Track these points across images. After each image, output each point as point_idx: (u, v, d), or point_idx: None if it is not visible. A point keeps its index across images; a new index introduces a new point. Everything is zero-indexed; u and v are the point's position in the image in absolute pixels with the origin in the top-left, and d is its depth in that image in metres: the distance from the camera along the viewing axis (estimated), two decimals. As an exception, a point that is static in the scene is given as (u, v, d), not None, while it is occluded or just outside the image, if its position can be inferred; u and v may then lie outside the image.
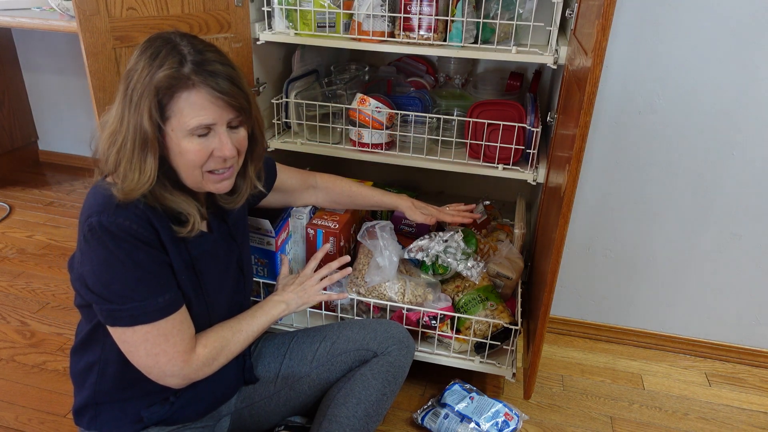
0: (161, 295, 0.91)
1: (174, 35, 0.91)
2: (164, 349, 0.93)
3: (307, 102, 1.56)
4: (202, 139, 0.90)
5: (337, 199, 1.42)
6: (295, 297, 1.21)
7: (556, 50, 1.32)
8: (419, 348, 1.42)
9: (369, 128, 1.50)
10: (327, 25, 1.46)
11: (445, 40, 1.38)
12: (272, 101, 1.60)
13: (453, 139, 1.53)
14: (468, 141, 1.48)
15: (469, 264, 1.42)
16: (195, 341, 0.98)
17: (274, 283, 1.46)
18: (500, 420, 1.32)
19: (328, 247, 1.39)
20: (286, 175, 1.33)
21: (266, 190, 1.24)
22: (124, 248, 0.88)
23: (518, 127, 1.40)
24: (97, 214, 0.88)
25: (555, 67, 1.31)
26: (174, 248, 0.94)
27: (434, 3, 1.34)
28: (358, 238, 1.45)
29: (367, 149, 1.54)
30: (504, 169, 1.45)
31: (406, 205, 1.41)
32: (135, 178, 0.88)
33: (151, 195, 0.91)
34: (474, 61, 1.85)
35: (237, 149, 0.94)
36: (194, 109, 0.88)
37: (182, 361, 0.95)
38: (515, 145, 1.43)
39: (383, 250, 1.37)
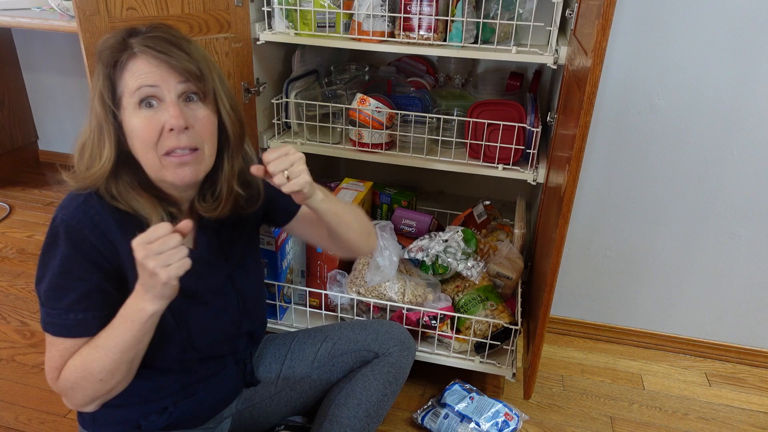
0: (72, 313, 0.85)
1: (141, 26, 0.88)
2: (51, 357, 0.88)
3: (307, 102, 1.56)
4: (149, 111, 0.83)
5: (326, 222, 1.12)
6: (149, 288, 0.82)
7: (556, 50, 1.32)
8: (419, 348, 1.42)
9: (369, 128, 1.50)
10: (327, 25, 1.46)
11: (445, 40, 1.38)
12: (272, 101, 1.60)
13: (453, 139, 1.53)
14: (468, 141, 1.48)
15: (469, 264, 1.42)
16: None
17: (275, 283, 1.46)
18: (500, 420, 1.32)
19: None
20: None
21: (258, 203, 1.04)
22: (62, 252, 0.84)
23: (518, 127, 1.40)
24: (60, 207, 0.86)
25: (555, 67, 1.31)
26: (135, 267, 0.84)
27: (434, 3, 1.34)
28: None
29: (367, 149, 1.54)
30: (504, 169, 1.45)
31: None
32: (96, 165, 0.85)
33: (114, 190, 0.86)
34: (474, 61, 1.85)
35: (195, 128, 0.85)
36: (135, 75, 0.83)
37: (51, 379, 0.89)
38: (515, 145, 1.43)
39: (383, 250, 1.37)
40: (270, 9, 1.48)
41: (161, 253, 0.77)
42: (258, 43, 1.49)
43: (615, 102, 1.47)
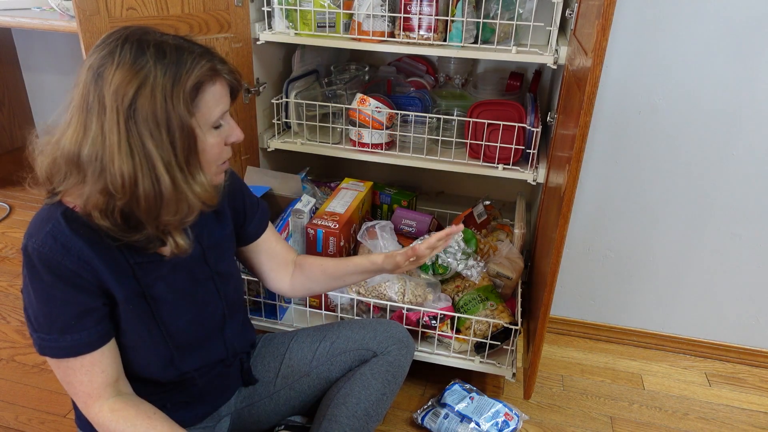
0: (68, 335, 0.85)
1: (137, 32, 0.81)
2: (69, 382, 0.89)
3: (307, 102, 1.56)
4: (219, 130, 0.87)
5: (310, 275, 1.19)
6: None
7: (556, 50, 1.32)
8: (419, 348, 1.42)
9: (369, 128, 1.50)
10: (327, 25, 1.46)
11: (445, 40, 1.38)
12: (272, 101, 1.60)
13: (453, 139, 1.53)
14: (468, 141, 1.48)
15: (469, 264, 1.42)
16: (108, 390, 0.90)
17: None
18: (500, 420, 1.32)
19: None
20: (274, 236, 1.20)
21: (257, 215, 1.14)
22: (40, 280, 0.83)
23: (518, 127, 1.40)
24: (28, 236, 0.83)
25: (555, 67, 1.31)
26: (118, 280, 0.87)
27: (434, 3, 1.34)
28: (359, 238, 1.45)
29: (367, 149, 1.54)
30: (504, 169, 1.45)
31: (381, 257, 1.17)
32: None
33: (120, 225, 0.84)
34: (474, 61, 1.85)
35: None
36: (217, 100, 0.84)
37: (83, 403, 0.89)
38: (515, 145, 1.43)
39: (383, 251, 1.37)
40: (270, 9, 1.48)
41: None
42: (258, 43, 1.50)
43: (615, 102, 1.47)
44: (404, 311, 1.38)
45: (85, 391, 0.89)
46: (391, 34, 1.44)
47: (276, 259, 1.20)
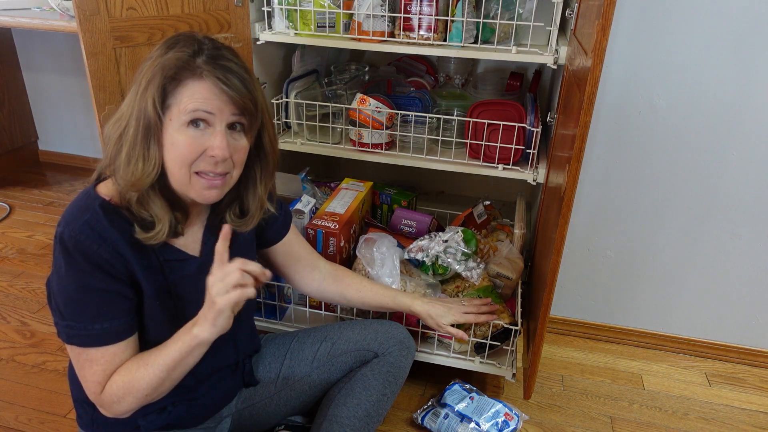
0: (98, 323, 0.87)
1: (198, 34, 0.89)
2: (85, 375, 0.90)
3: (307, 102, 1.56)
4: (196, 132, 0.85)
5: (345, 293, 1.25)
6: (206, 315, 0.88)
7: (556, 50, 1.32)
8: (419, 348, 1.41)
9: (369, 128, 1.50)
10: (327, 25, 1.46)
11: (445, 40, 1.38)
12: (272, 101, 1.60)
13: (453, 139, 1.53)
14: (468, 141, 1.48)
15: (469, 264, 1.42)
16: None
17: (274, 283, 1.46)
18: (500, 420, 1.32)
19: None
20: (297, 239, 1.22)
21: (279, 219, 1.16)
22: (75, 268, 0.85)
23: (518, 127, 1.40)
24: (65, 224, 0.85)
25: (555, 67, 1.31)
26: (147, 275, 0.90)
27: (434, 3, 1.34)
28: (357, 253, 1.44)
29: (367, 149, 1.54)
30: (504, 169, 1.45)
31: (422, 313, 1.23)
32: (139, 167, 0.84)
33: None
34: (474, 61, 1.85)
35: (232, 157, 0.88)
36: (195, 97, 0.84)
37: (92, 392, 0.91)
38: (515, 145, 1.43)
39: (380, 267, 1.37)
40: (270, 9, 1.48)
41: (222, 281, 0.84)
42: (258, 43, 1.49)
43: (615, 102, 1.47)
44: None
45: (97, 380, 0.90)
46: (391, 34, 1.44)
47: (301, 262, 1.22)
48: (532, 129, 1.41)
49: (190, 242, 0.98)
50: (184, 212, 0.95)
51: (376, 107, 1.47)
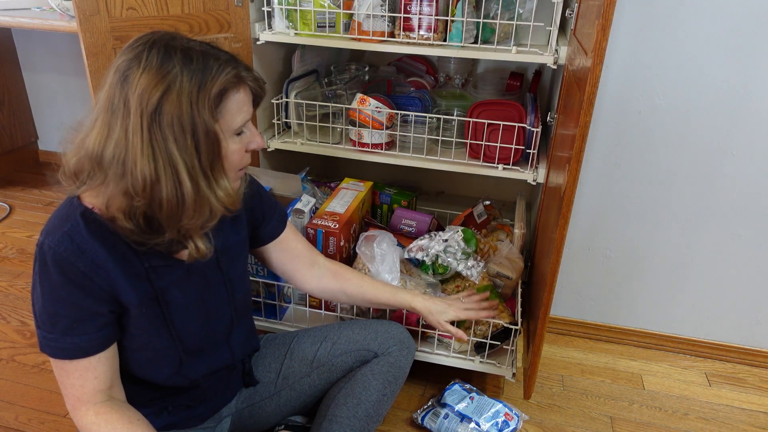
0: (69, 337, 0.86)
1: (164, 37, 0.82)
2: (63, 383, 0.90)
3: (307, 102, 1.56)
4: (241, 137, 0.88)
5: (346, 288, 1.23)
6: None
7: (556, 50, 1.32)
8: (419, 348, 1.41)
9: (369, 128, 1.50)
10: (327, 25, 1.46)
11: (445, 40, 1.38)
12: (272, 101, 1.60)
13: (453, 139, 1.53)
14: (468, 141, 1.48)
15: (469, 264, 1.42)
16: (98, 396, 0.90)
17: (274, 283, 1.46)
18: (500, 420, 1.32)
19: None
20: (295, 236, 1.21)
21: (274, 217, 1.16)
22: (51, 280, 0.84)
23: (518, 127, 1.40)
24: (45, 233, 0.84)
25: (555, 67, 1.31)
26: (132, 283, 0.88)
27: (434, 3, 1.34)
28: (357, 250, 1.44)
29: (367, 149, 1.54)
30: (504, 169, 1.45)
31: (422, 310, 1.22)
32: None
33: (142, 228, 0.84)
34: (474, 61, 1.85)
35: None
36: (240, 107, 0.85)
37: (72, 406, 0.90)
38: (515, 145, 1.43)
39: (380, 265, 1.37)
40: (270, 9, 1.48)
41: None
42: (258, 43, 1.50)
43: (615, 102, 1.47)
44: (404, 311, 1.37)
45: (74, 394, 0.89)
46: (391, 34, 1.44)
47: (299, 258, 1.21)
48: (532, 129, 1.41)
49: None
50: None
51: (376, 107, 1.47)
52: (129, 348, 0.94)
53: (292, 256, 1.21)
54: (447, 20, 1.36)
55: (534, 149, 1.44)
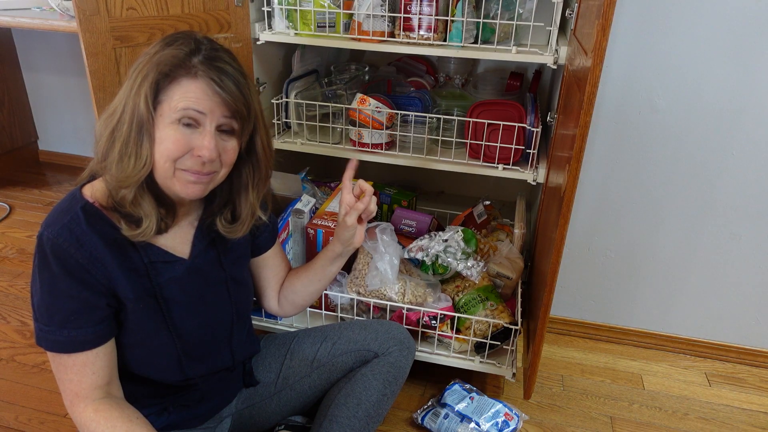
0: (66, 330, 0.86)
1: (197, 34, 0.88)
2: (60, 378, 0.90)
3: (307, 102, 1.56)
4: (185, 130, 0.84)
5: (288, 285, 1.21)
6: None
7: (556, 50, 1.32)
8: (419, 348, 1.41)
9: (369, 128, 1.50)
10: (327, 25, 1.46)
11: (445, 40, 1.38)
12: (272, 101, 1.60)
13: (453, 139, 1.53)
14: (468, 141, 1.48)
15: (469, 264, 1.41)
16: (96, 392, 0.90)
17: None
18: (500, 420, 1.32)
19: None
20: (280, 255, 1.21)
21: (269, 227, 1.14)
22: (49, 271, 0.84)
23: (518, 127, 1.40)
24: (46, 225, 0.84)
25: (555, 67, 1.31)
26: (131, 278, 0.89)
27: (434, 3, 1.34)
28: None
29: (367, 149, 1.54)
30: (504, 169, 1.45)
31: (334, 238, 1.18)
32: (131, 164, 0.83)
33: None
34: (474, 61, 1.85)
35: (220, 157, 0.88)
36: (188, 95, 0.83)
37: (69, 401, 0.90)
38: (515, 145, 1.43)
39: (383, 255, 1.37)
40: (270, 9, 1.48)
41: None
42: (258, 43, 1.49)
43: (615, 102, 1.47)
44: (404, 311, 1.37)
45: (72, 389, 0.89)
46: (391, 34, 1.44)
47: (278, 276, 1.21)
48: (532, 129, 1.41)
49: (178, 244, 0.97)
50: (171, 208, 0.93)
51: (376, 107, 1.47)
52: (128, 345, 0.94)
53: (274, 272, 1.20)
54: (447, 20, 1.36)
55: (534, 149, 1.44)
